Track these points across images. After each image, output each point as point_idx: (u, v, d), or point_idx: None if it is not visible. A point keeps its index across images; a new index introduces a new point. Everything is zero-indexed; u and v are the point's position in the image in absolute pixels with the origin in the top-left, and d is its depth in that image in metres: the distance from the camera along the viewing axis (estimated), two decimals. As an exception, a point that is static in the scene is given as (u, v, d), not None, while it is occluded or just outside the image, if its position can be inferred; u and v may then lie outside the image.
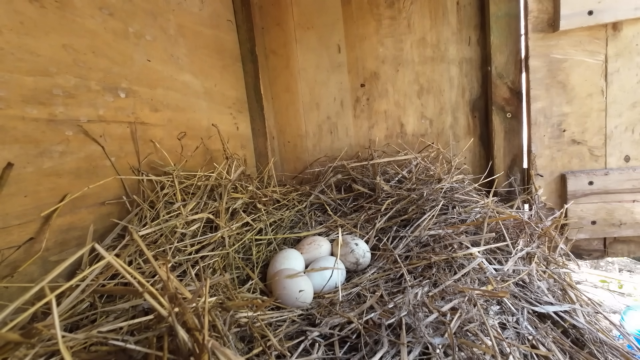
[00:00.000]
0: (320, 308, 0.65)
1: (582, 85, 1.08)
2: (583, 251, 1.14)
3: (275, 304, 0.68)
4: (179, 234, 0.75)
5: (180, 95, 1.00)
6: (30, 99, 0.58)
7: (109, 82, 0.74)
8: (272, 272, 0.75)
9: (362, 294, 0.69)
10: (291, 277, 0.70)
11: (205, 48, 1.14)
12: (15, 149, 0.55)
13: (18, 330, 0.40)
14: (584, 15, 1.03)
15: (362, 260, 0.82)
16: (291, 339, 0.56)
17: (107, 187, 0.73)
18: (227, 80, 1.27)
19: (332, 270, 0.75)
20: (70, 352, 0.37)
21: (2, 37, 0.54)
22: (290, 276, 0.70)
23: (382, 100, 1.39)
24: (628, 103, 1.06)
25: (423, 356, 0.49)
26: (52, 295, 0.36)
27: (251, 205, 0.95)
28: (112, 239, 0.71)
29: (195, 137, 1.04)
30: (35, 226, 0.58)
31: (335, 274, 0.75)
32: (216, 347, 0.38)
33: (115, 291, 0.48)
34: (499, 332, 0.53)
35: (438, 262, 0.71)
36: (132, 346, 0.39)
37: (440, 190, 1.06)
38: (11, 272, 0.53)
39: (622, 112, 1.07)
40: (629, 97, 1.06)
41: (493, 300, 0.61)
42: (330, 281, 0.75)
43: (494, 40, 1.19)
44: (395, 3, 1.31)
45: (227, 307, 0.53)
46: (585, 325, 0.58)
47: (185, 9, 1.05)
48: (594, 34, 1.05)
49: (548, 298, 0.63)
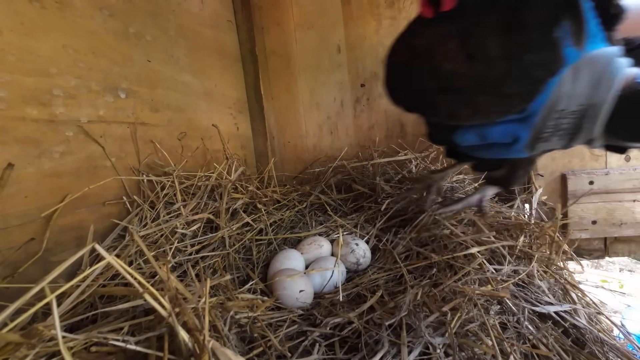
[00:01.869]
0: (320, 308, 0.65)
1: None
2: (583, 251, 1.14)
3: (276, 304, 0.68)
4: (179, 234, 0.75)
5: (181, 96, 1.00)
6: (31, 100, 0.58)
7: (109, 83, 0.74)
8: (273, 272, 0.75)
9: (362, 294, 0.69)
10: (291, 277, 0.70)
11: (205, 48, 1.14)
12: (16, 149, 0.55)
13: (18, 330, 0.40)
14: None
15: (363, 260, 0.82)
16: (291, 339, 0.56)
17: (108, 188, 0.73)
18: (227, 81, 1.27)
19: (332, 271, 0.75)
20: (70, 352, 0.37)
21: (3, 38, 0.54)
22: (290, 276, 0.70)
23: (382, 100, 1.39)
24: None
25: (423, 356, 0.49)
26: (53, 295, 0.36)
27: (251, 205, 0.95)
28: (113, 239, 0.71)
29: (196, 138, 1.04)
30: (35, 227, 0.58)
31: (335, 274, 0.75)
32: (216, 347, 0.38)
33: (115, 292, 0.48)
34: (500, 332, 0.53)
35: (438, 262, 0.71)
36: (133, 346, 0.39)
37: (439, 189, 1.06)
38: (11, 272, 0.53)
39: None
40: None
41: (494, 300, 0.61)
42: (331, 281, 0.75)
43: (494, 40, 1.19)
44: (395, 3, 1.31)
45: (227, 308, 0.53)
46: (586, 325, 0.58)
47: (185, 9, 1.05)
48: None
49: (549, 298, 0.63)
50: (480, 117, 0.50)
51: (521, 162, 0.61)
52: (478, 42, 0.47)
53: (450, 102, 0.50)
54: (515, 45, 0.45)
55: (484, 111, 0.49)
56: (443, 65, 0.48)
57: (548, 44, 0.45)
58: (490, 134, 0.53)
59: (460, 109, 0.50)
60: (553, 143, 0.52)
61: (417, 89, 0.53)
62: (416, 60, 0.52)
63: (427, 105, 0.52)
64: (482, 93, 0.48)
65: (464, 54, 0.47)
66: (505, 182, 0.65)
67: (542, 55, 0.45)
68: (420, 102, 0.54)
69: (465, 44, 0.47)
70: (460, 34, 0.48)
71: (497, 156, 0.58)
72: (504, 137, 0.53)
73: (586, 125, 0.48)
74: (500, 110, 0.49)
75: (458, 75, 0.48)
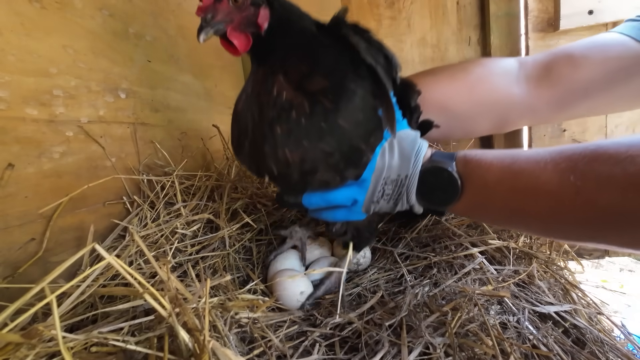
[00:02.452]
0: (320, 309, 0.66)
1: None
2: (584, 251, 1.14)
3: (276, 304, 0.68)
4: (180, 235, 0.75)
5: (181, 96, 1.00)
6: (31, 100, 0.58)
7: (110, 83, 0.74)
8: (272, 272, 0.75)
9: (362, 294, 0.69)
10: (292, 278, 0.70)
11: (205, 48, 1.14)
12: (16, 149, 0.55)
13: (19, 330, 0.40)
14: (584, 14, 1.03)
15: (363, 261, 0.82)
16: (292, 340, 0.56)
17: (108, 188, 0.73)
18: (228, 81, 1.27)
19: (332, 274, 0.75)
20: (71, 352, 0.37)
21: (3, 38, 0.54)
22: (290, 277, 0.70)
23: (382, 100, 1.39)
24: (628, 103, 1.06)
25: (424, 356, 0.49)
26: (53, 295, 0.36)
27: (251, 205, 0.95)
28: (113, 240, 0.71)
29: (196, 138, 1.04)
30: (35, 227, 0.58)
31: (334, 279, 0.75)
32: (217, 347, 0.38)
33: (115, 292, 0.48)
34: (500, 331, 0.53)
35: (438, 262, 0.71)
36: (133, 347, 0.39)
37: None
38: (12, 272, 0.53)
39: (623, 111, 1.07)
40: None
41: (494, 300, 0.61)
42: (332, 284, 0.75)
43: (494, 40, 1.18)
44: (395, 3, 1.31)
45: (227, 308, 0.53)
46: (586, 326, 0.58)
47: (185, 9, 1.05)
48: (595, 33, 1.05)
49: (549, 298, 0.63)
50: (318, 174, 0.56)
51: (363, 225, 0.69)
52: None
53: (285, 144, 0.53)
54: (343, 122, 0.52)
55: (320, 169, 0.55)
56: (279, 97, 0.53)
57: (374, 122, 0.55)
58: (334, 197, 0.60)
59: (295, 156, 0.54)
60: (383, 206, 0.61)
61: (257, 136, 0.56)
62: (252, 103, 0.56)
63: (270, 152, 0.55)
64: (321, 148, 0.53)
65: (293, 85, 0.52)
66: (355, 246, 0.71)
67: (370, 131, 0.55)
68: (262, 154, 0.56)
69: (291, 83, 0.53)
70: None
71: (342, 218, 0.65)
72: (345, 200, 0.60)
73: (403, 192, 0.58)
74: (333, 176, 0.56)
75: (295, 105, 0.52)
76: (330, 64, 0.54)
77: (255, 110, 0.56)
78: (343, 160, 0.54)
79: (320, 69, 0.53)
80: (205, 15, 0.48)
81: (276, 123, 0.52)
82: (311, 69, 0.53)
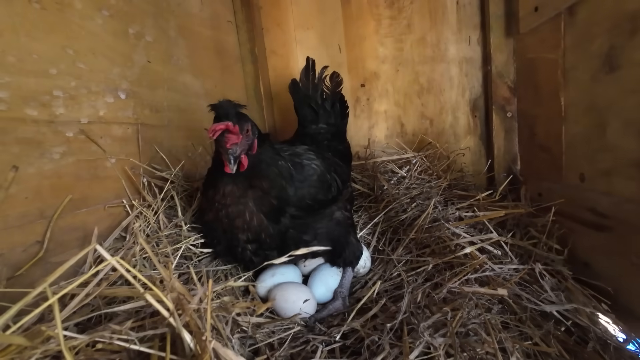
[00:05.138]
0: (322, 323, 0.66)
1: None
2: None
3: (271, 315, 0.68)
4: (181, 237, 0.75)
5: (181, 96, 1.00)
6: (31, 101, 0.58)
7: (110, 83, 0.74)
8: (272, 284, 0.74)
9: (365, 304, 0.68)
10: (293, 289, 0.70)
11: (205, 49, 1.14)
12: (16, 150, 0.55)
13: (22, 331, 0.40)
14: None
15: (363, 270, 0.83)
16: (294, 342, 0.56)
17: (108, 189, 0.72)
18: (228, 81, 1.27)
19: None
20: (75, 352, 0.37)
21: (3, 39, 0.54)
22: (291, 289, 0.70)
23: (382, 100, 1.39)
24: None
25: (424, 356, 0.49)
26: (55, 298, 0.36)
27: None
28: (113, 240, 0.70)
29: (196, 138, 1.04)
30: (36, 227, 0.58)
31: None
32: (218, 347, 0.38)
33: (119, 293, 0.48)
34: (501, 330, 0.53)
35: (438, 263, 0.71)
36: (136, 347, 0.39)
37: (439, 188, 1.06)
38: (13, 273, 0.53)
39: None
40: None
41: (495, 299, 0.61)
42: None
43: (494, 39, 1.18)
44: (395, 3, 1.31)
45: (228, 309, 0.53)
46: (589, 324, 0.58)
47: (185, 10, 1.05)
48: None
49: (551, 297, 0.62)
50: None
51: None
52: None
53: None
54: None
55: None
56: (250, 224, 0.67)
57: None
58: None
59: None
60: None
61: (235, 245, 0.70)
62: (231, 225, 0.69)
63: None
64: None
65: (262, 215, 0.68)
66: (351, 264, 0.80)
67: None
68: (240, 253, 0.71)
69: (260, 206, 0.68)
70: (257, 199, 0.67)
71: None
72: None
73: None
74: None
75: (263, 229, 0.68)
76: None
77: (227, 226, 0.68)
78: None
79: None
80: (233, 150, 0.61)
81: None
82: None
